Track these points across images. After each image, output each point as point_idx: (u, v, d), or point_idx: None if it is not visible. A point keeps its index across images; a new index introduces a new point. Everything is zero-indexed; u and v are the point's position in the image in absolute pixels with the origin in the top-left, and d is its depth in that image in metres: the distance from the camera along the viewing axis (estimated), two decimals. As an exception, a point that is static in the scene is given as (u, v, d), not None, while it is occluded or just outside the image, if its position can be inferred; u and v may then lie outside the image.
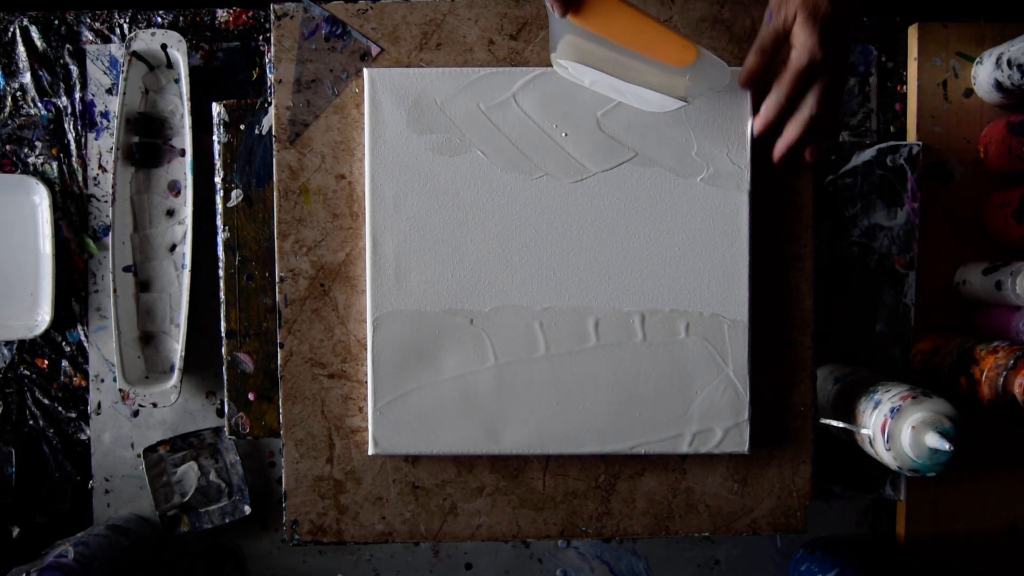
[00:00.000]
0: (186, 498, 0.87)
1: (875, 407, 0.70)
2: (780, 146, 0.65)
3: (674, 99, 0.64)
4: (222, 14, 0.88)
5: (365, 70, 0.69)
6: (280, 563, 0.89)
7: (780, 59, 0.63)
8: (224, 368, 0.77)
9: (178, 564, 0.89)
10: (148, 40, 0.82)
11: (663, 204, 0.69)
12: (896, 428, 0.66)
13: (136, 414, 0.88)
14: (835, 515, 0.90)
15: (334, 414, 0.71)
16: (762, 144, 0.68)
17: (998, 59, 0.82)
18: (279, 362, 0.71)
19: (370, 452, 0.70)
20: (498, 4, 0.70)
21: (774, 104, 0.63)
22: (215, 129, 0.76)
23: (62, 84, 0.88)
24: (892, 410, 0.67)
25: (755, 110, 0.67)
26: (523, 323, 0.69)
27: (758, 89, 0.66)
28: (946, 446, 0.62)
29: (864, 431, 0.70)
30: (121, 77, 0.82)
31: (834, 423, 0.74)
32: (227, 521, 0.87)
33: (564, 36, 0.63)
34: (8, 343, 0.88)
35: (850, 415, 0.74)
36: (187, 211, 0.83)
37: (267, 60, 0.88)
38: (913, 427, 0.65)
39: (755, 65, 0.64)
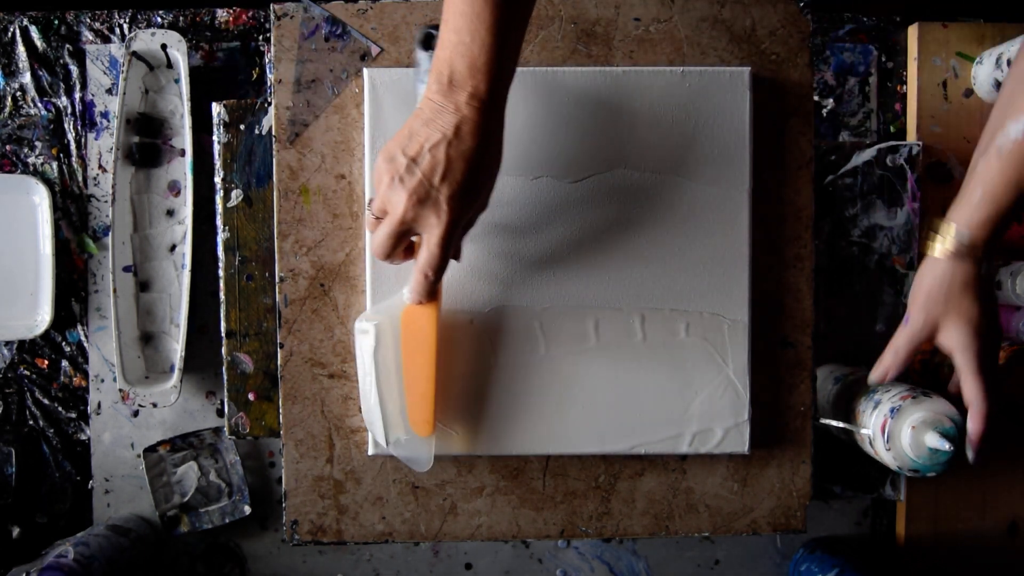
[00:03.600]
0: (186, 498, 0.87)
1: (875, 407, 0.70)
2: (975, 447, 0.63)
3: (379, 435, 0.66)
4: (222, 14, 0.88)
5: (365, 70, 0.69)
6: (280, 563, 0.89)
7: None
8: (224, 368, 0.77)
9: (178, 564, 0.89)
10: (148, 40, 0.82)
11: (663, 204, 0.69)
12: (896, 428, 0.66)
13: (136, 414, 0.88)
14: (835, 515, 0.90)
15: (334, 414, 0.71)
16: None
17: (998, 59, 0.82)
18: (279, 362, 0.71)
19: (370, 452, 0.70)
20: (498, 4, 0.70)
21: (982, 413, 0.62)
22: (215, 129, 0.76)
23: (62, 84, 0.88)
24: (892, 410, 0.67)
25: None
26: (523, 323, 0.69)
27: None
28: (946, 446, 0.62)
29: (864, 431, 0.70)
30: (121, 77, 0.82)
31: (834, 423, 0.74)
32: (227, 521, 0.87)
33: (388, 311, 0.64)
34: (8, 343, 0.88)
35: (850, 415, 0.73)
36: (187, 211, 0.83)
37: (267, 60, 0.88)
38: (913, 427, 0.65)
39: (890, 368, 0.65)
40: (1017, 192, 0.59)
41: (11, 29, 0.88)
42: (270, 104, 0.74)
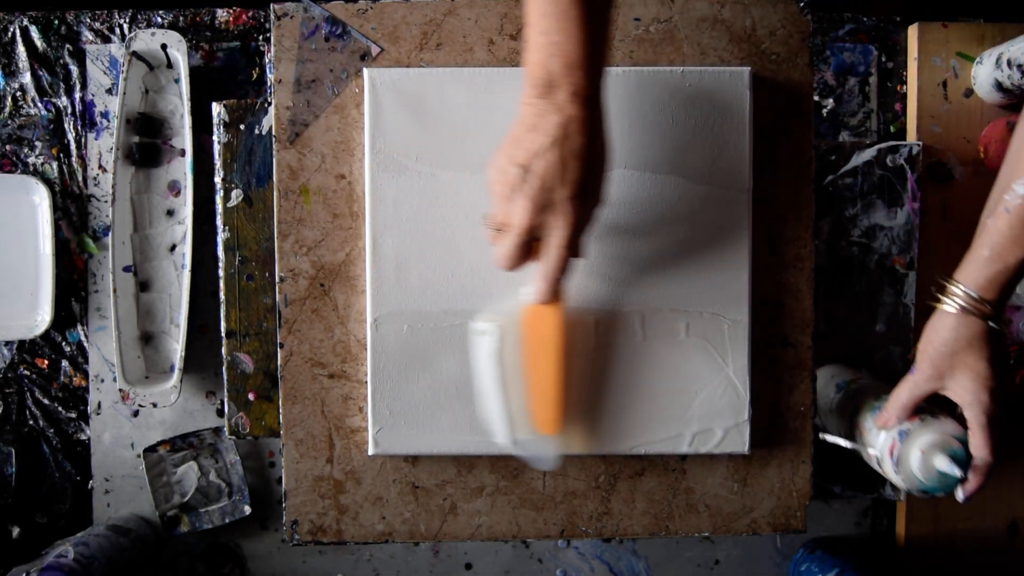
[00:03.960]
0: (186, 498, 0.87)
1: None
2: (971, 491, 0.64)
3: (501, 436, 0.65)
4: (222, 14, 0.88)
5: (365, 70, 0.69)
6: (280, 563, 0.89)
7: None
8: (224, 368, 0.77)
9: (178, 564, 0.89)
10: (148, 40, 0.82)
11: (663, 204, 0.69)
12: (905, 451, 0.65)
13: (136, 414, 0.88)
14: (835, 515, 0.90)
15: (334, 414, 0.71)
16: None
17: (998, 59, 0.82)
18: (279, 362, 0.71)
19: (370, 452, 0.70)
20: (498, 4, 0.70)
21: (985, 467, 0.63)
22: (215, 129, 0.76)
23: (62, 84, 0.88)
24: (900, 433, 0.66)
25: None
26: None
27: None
28: (957, 471, 0.62)
29: (872, 451, 0.69)
30: (121, 77, 0.82)
31: (841, 441, 0.74)
32: (227, 521, 0.87)
33: (508, 310, 0.64)
34: (8, 343, 0.88)
35: (854, 429, 0.73)
36: (187, 211, 0.83)
37: (267, 60, 0.88)
38: (922, 451, 0.64)
39: (893, 420, 0.66)
40: None
41: (11, 29, 0.88)
42: (270, 104, 0.74)
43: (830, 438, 0.75)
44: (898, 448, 0.66)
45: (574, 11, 0.54)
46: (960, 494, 0.64)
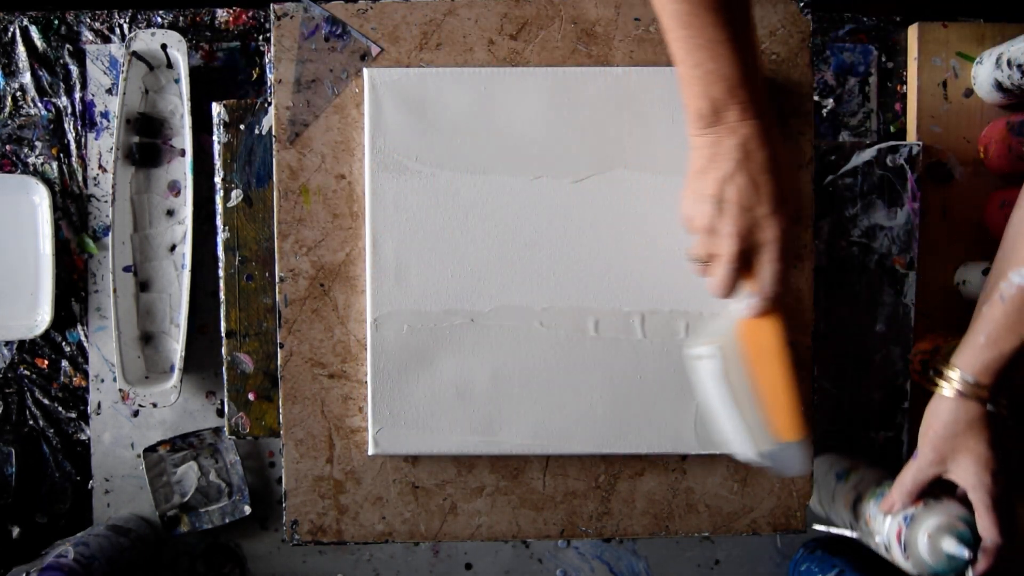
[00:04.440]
0: (186, 498, 0.87)
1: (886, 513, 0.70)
2: (983, 571, 0.64)
3: (745, 451, 0.64)
4: (222, 14, 0.88)
5: (365, 70, 0.69)
6: (280, 563, 0.89)
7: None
8: (224, 368, 0.77)
9: (178, 564, 0.89)
10: (148, 40, 0.82)
11: (663, 204, 0.69)
12: (912, 536, 0.65)
13: (136, 414, 0.88)
14: (835, 515, 0.90)
15: (334, 414, 0.71)
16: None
17: (998, 59, 0.82)
18: (279, 362, 0.71)
19: (370, 452, 0.70)
20: (498, 4, 0.70)
21: (988, 560, 0.63)
22: (215, 129, 0.76)
23: (62, 84, 0.88)
24: (906, 518, 0.66)
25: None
26: (523, 323, 0.69)
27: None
28: (965, 553, 0.62)
29: (878, 539, 0.70)
30: (121, 77, 0.82)
31: (847, 532, 0.74)
32: (227, 521, 0.87)
33: (724, 329, 0.63)
34: (8, 343, 0.88)
35: (858, 518, 0.74)
36: (187, 211, 0.83)
37: (267, 60, 0.88)
38: (929, 535, 0.64)
39: (899, 505, 0.66)
40: (1019, 338, 0.61)
41: (11, 29, 0.88)
42: (270, 104, 0.74)
43: (835, 530, 0.75)
44: (905, 533, 0.66)
45: (720, 34, 0.55)
46: (971, 575, 0.64)
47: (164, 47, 0.82)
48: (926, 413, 0.65)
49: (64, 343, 0.89)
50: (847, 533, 0.74)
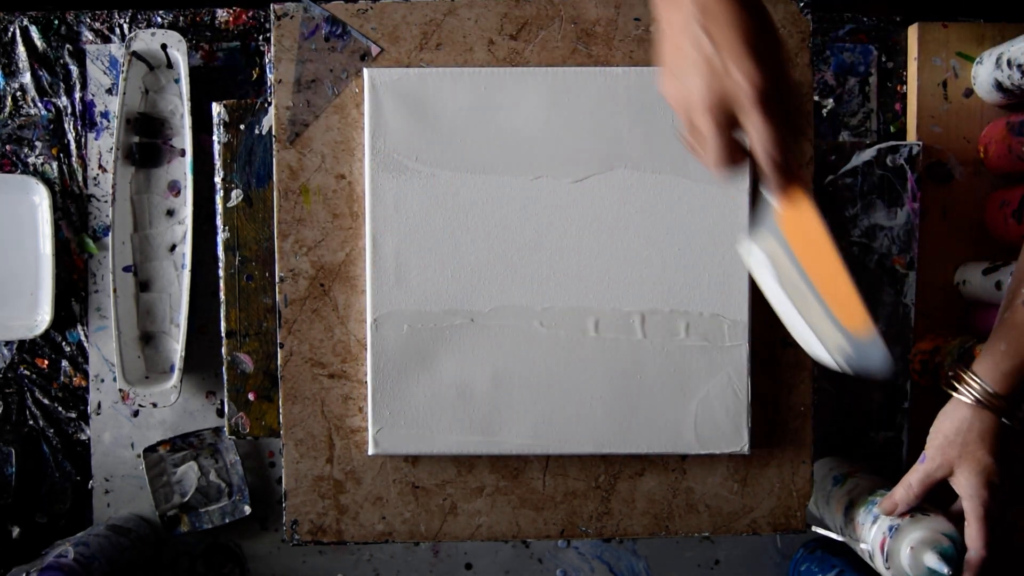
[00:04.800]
0: (186, 498, 0.87)
1: (874, 521, 0.70)
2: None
3: (827, 354, 0.59)
4: (222, 14, 0.88)
5: (365, 70, 0.69)
6: (280, 563, 0.89)
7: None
8: (224, 368, 0.77)
9: (178, 564, 0.89)
10: (148, 40, 0.82)
11: (663, 204, 0.69)
12: (895, 547, 0.66)
13: (136, 414, 0.88)
14: (835, 515, 0.90)
15: (334, 414, 0.71)
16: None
17: (998, 59, 0.82)
18: (279, 362, 0.71)
19: (370, 452, 0.70)
20: (498, 4, 0.70)
21: (977, 560, 0.62)
22: (215, 129, 0.76)
23: (62, 84, 0.88)
24: (891, 528, 0.67)
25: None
26: (523, 323, 0.69)
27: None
28: (945, 570, 0.62)
29: (863, 546, 0.70)
30: (121, 77, 0.82)
31: (834, 535, 0.75)
32: (227, 521, 0.87)
33: (767, 231, 0.59)
34: (8, 343, 0.88)
35: (849, 522, 0.74)
36: (187, 211, 0.83)
37: (267, 60, 0.88)
38: (912, 547, 0.65)
39: (903, 502, 0.66)
40: None
41: (11, 29, 0.88)
42: (270, 104, 0.74)
43: (822, 531, 0.76)
44: (888, 543, 0.67)
45: None
46: None
47: (164, 47, 0.82)
48: (939, 417, 0.65)
49: (64, 343, 0.89)
50: (836, 537, 0.75)
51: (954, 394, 0.64)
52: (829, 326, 0.58)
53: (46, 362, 0.89)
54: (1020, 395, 0.62)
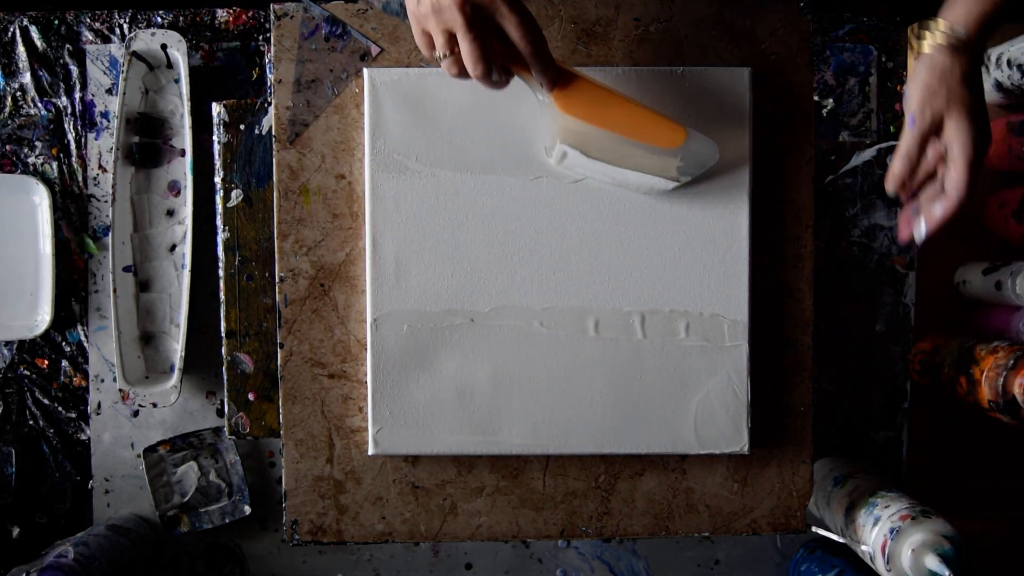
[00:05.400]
0: (186, 498, 0.87)
1: (875, 523, 0.70)
2: (932, 228, 0.64)
3: (666, 180, 0.66)
4: (222, 14, 0.88)
5: (365, 70, 0.69)
6: (280, 563, 0.89)
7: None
8: (224, 368, 0.77)
9: (178, 564, 0.89)
10: (148, 40, 0.82)
11: (663, 204, 0.69)
12: (896, 549, 0.66)
13: (136, 414, 0.88)
14: (835, 515, 0.90)
15: (334, 414, 0.71)
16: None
17: (998, 59, 0.82)
18: (279, 362, 0.71)
19: (370, 452, 0.70)
20: (498, 4, 0.70)
21: (956, 203, 0.62)
22: (215, 129, 0.76)
23: (62, 84, 0.88)
24: (892, 531, 0.67)
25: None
26: (523, 323, 0.69)
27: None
28: (946, 572, 0.63)
29: (864, 548, 0.70)
30: (121, 77, 0.82)
31: (834, 536, 0.75)
32: (227, 521, 0.87)
33: (558, 126, 0.65)
34: (8, 343, 0.88)
35: (849, 523, 0.74)
36: (187, 211, 0.83)
37: (267, 60, 0.88)
38: (913, 549, 0.65)
39: (903, 171, 0.63)
40: None
41: (11, 29, 0.88)
42: (270, 104, 0.74)
43: (823, 532, 0.76)
44: (889, 546, 0.67)
45: None
46: (920, 234, 0.64)
47: (164, 47, 0.82)
48: (911, 78, 0.63)
49: (64, 343, 0.89)
50: (837, 538, 0.75)
51: (927, 43, 0.61)
52: (653, 158, 0.65)
53: (46, 362, 0.89)
54: (987, 39, 0.61)
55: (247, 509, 0.87)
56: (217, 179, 0.76)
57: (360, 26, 0.70)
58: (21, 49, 0.88)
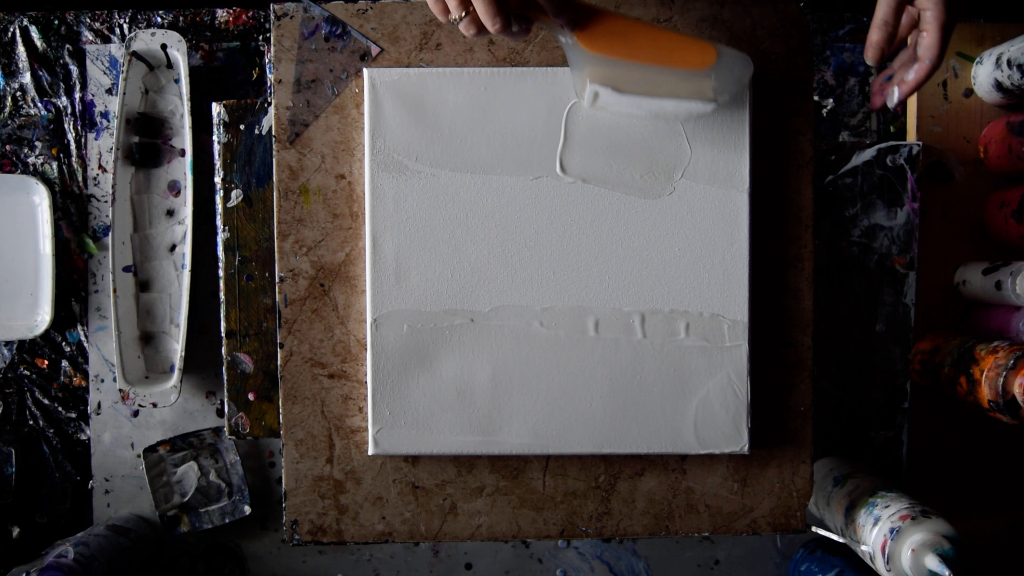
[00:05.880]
0: (186, 498, 0.87)
1: (875, 523, 0.70)
2: (905, 92, 0.64)
3: (704, 102, 0.65)
4: (222, 14, 0.88)
5: (365, 70, 0.69)
6: (280, 563, 0.89)
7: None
8: (224, 368, 0.77)
9: (178, 564, 0.89)
10: (148, 40, 0.82)
11: (663, 204, 0.69)
12: (896, 549, 0.66)
13: (136, 414, 0.88)
14: (835, 515, 0.90)
15: (334, 414, 0.71)
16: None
17: (998, 59, 0.82)
18: (279, 362, 0.71)
19: (370, 452, 0.70)
20: (498, 4, 0.70)
21: (929, 67, 0.62)
22: (215, 129, 0.76)
23: (62, 84, 0.88)
24: (892, 531, 0.67)
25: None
26: (523, 323, 0.69)
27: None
28: (946, 572, 0.63)
29: (864, 548, 0.70)
30: (121, 77, 0.82)
31: (834, 536, 0.75)
32: (227, 521, 0.87)
33: (586, 67, 0.63)
34: (8, 343, 0.88)
35: (849, 524, 0.74)
36: (187, 211, 0.83)
37: (267, 60, 0.88)
38: (913, 549, 0.65)
39: (882, 39, 0.63)
40: None
41: (11, 29, 0.88)
42: (270, 104, 0.74)
43: (823, 532, 0.76)
44: (889, 546, 0.67)
45: None
46: (893, 100, 0.64)
47: (164, 47, 0.82)
48: None
49: (64, 343, 0.89)
50: (837, 538, 0.75)
51: None
52: (686, 82, 0.64)
53: (46, 362, 0.89)
54: None
55: (247, 509, 0.87)
56: (217, 179, 0.76)
57: (360, 26, 0.70)
58: (21, 49, 0.88)
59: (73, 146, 0.88)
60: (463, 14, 0.57)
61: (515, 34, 0.59)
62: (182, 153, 0.86)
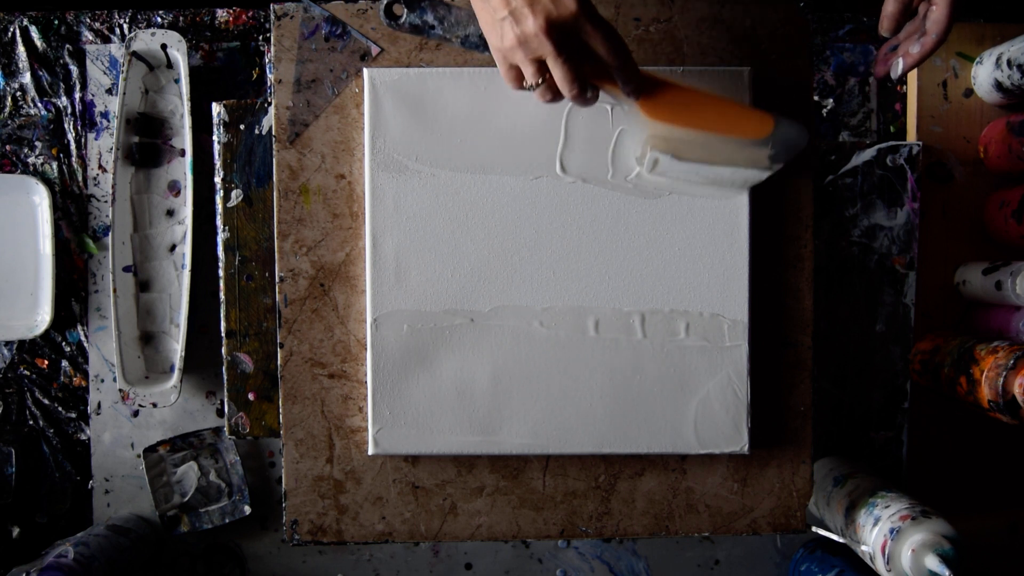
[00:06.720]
0: (186, 498, 0.87)
1: (875, 523, 0.70)
2: (909, 65, 0.65)
3: (760, 170, 0.66)
4: (222, 14, 0.88)
5: (365, 70, 0.69)
6: (280, 563, 0.89)
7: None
8: (224, 368, 0.77)
9: (178, 564, 0.89)
10: (148, 40, 0.82)
11: (663, 204, 0.69)
12: (896, 550, 0.66)
13: (136, 414, 0.88)
14: (835, 515, 0.90)
15: (334, 414, 0.71)
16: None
17: (998, 59, 0.82)
18: (279, 362, 0.71)
19: (370, 452, 0.70)
20: (498, 4, 0.70)
21: (936, 41, 0.63)
22: (215, 129, 0.76)
23: (62, 84, 0.88)
24: (892, 531, 0.67)
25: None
26: (523, 323, 0.69)
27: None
28: (946, 572, 0.63)
29: (864, 548, 0.71)
30: (121, 77, 0.82)
31: (834, 536, 0.75)
32: (227, 521, 0.87)
33: (647, 134, 0.65)
34: (8, 343, 0.88)
35: (849, 524, 0.74)
36: (187, 211, 0.83)
37: (267, 60, 0.88)
38: (913, 550, 0.65)
39: (898, 10, 0.64)
40: None
41: (11, 29, 0.88)
42: (270, 104, 0.74)
43: (823, 532, 0.76)
44: (890, 546, 0.67)
45: None
46: (896, 71, 0.65)
47: (164, 47, 0.82)
48: None
49: (64, 343, 0.89)
50: (837, 538, 0.75)
51: None
52: (744, 150, 0.64)
53: (46, 362, 0.89)
54: None
55: (247, 509, 0.87)
56: (217, 179, 0.76)
57: (360, 26, 0.70)
58: (21, 49, 0.88)
59: (73, 146, 0.88)
60: (539, 80, 0.58)
61: (587, 100, 0.60)
62: (182, 153, 0.86)
